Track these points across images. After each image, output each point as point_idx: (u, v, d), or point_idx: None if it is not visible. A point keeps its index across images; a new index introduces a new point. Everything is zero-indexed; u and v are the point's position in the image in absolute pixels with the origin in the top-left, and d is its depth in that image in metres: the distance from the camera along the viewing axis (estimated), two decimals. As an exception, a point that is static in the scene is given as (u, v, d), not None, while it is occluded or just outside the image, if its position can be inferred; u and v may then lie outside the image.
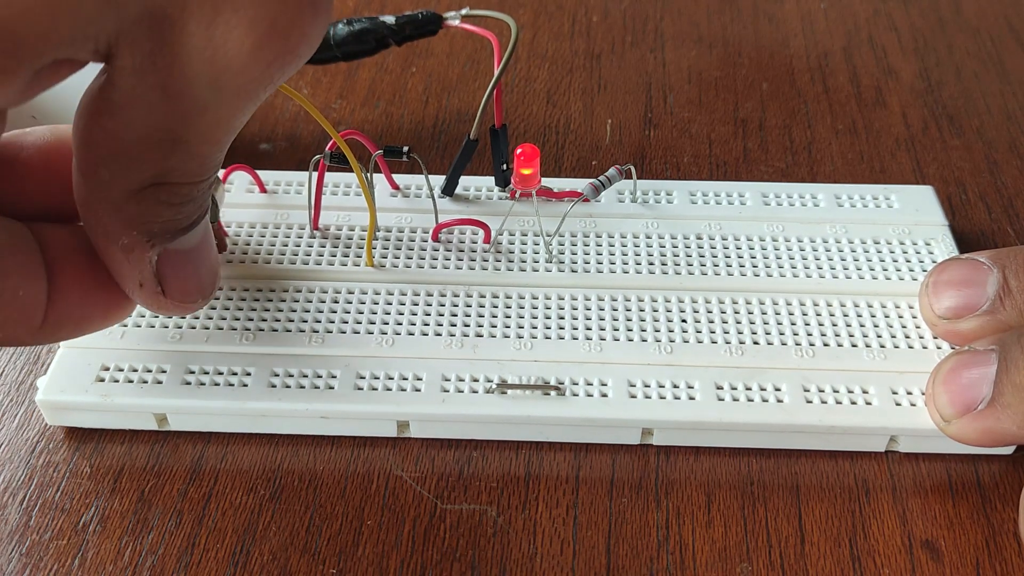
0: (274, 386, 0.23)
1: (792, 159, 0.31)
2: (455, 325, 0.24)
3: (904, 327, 0.24)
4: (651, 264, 0.25)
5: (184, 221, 0.18)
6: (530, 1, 0.38)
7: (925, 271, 0.25)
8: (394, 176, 0.28)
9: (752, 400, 0.22)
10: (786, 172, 0.30)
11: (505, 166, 0.27)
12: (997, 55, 0.35)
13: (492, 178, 0.28)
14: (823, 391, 0.23)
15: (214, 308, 0.24)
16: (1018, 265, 0.22)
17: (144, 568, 0.21)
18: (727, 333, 0.24)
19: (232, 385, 0.23)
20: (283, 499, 0.22)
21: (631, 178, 0.27)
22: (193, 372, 0.23)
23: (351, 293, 0.25)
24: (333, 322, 0.24)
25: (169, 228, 0.18)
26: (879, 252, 0.26)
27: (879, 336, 0.24)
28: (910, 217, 0.27)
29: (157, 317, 0.24)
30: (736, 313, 0.24)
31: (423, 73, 0.34)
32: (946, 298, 0.23)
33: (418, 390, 0.23)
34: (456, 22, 0.26)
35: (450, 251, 0.26)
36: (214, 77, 0.15)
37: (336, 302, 0.24)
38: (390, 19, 0.27)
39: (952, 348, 0.23)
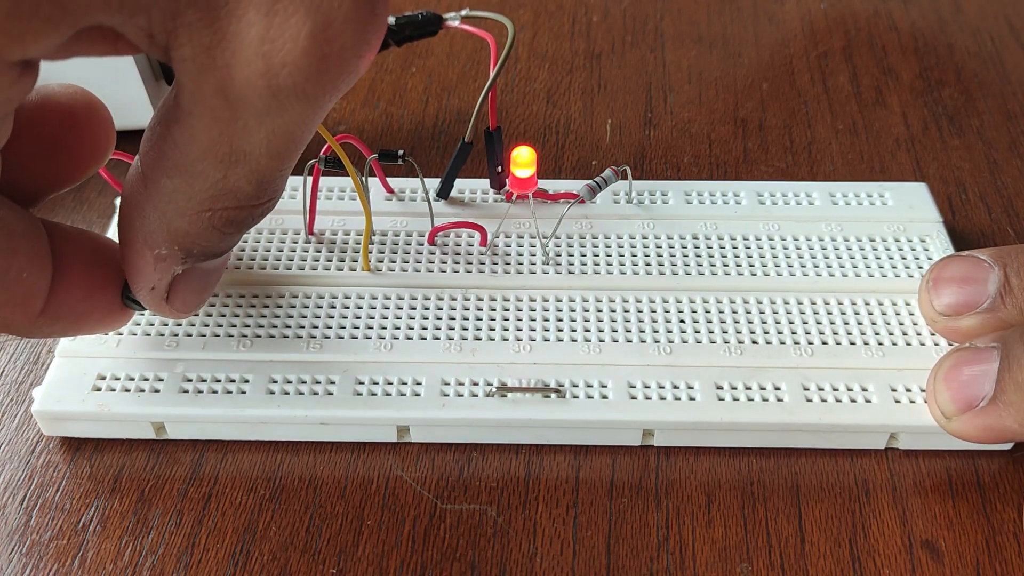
0: (272, 393, 0.22)
1: (792, 159, 0.31)
2: (453, 329, 0.24)
3: (902, 324, 0.24)
4: (648, 265, 0.25)
5: (224, 249, 0.19)
6: (530, 1, 0.38)
7: (921, 268, 0.25)
8: (389, 180, 0.28)
9: (752, 400, 0.23)
10: (786, 172, 0.30)
11: (500, 168, 0.27)
12: (997, 55, 0.35)
13: (488, 180, 0.28)
14: (822, 389, 0.23)
15: (210, 315, 0.24)
16: (1020, 263, 0.22)
17: (144, 568, 0.21)
18: (726, 333, 0.24)
19: (230, 392, 0.22)
20: (283, 499, 0.22)
21: (627, 179, 0.27)
22: (191, 380, 0.23)
23: (348, 298, 0.25)
24: (331, 327, 0.24)
25: (208, 252, 0.18)
26: (875, 249, 0.26)
27: (877, 334, 0.24)
28: (905, 214, 0.27)
29: (152, 324, 0.24)
30: (734, 313, 0.24)
31: (423, 73, 0.34)
32: (946, 295, 0.23)
33: (418, 395, 0.23)
34: (456, 23, 0.26)
35: (447, 254, 0.26)
36: (271, 76, 0.15)
37: (333, 307, 0.24)
38: (390, 19, 0.27)
39: (951, 345, 0.23)
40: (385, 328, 0.24)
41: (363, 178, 0.25)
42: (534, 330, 0.24)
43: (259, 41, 0.14)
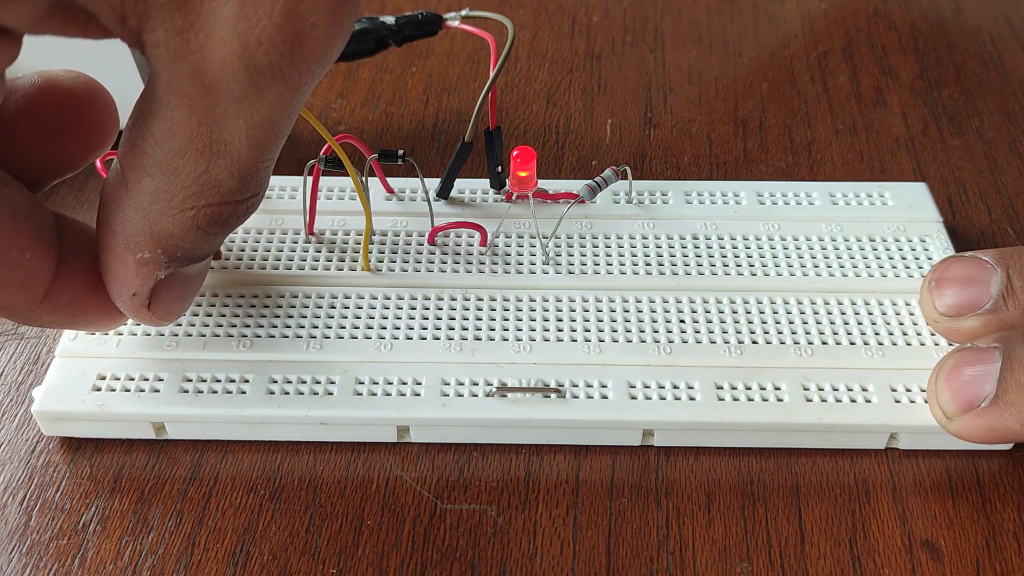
0: (272, 393, 0.22)
1: (792, 159, 0.31)
2: (453, 329, 0.24)
3: (902, 324, 0.24)
4: (648, 265, 0.25)
5: (208, 252, 0.18)
6: (530, 1, 0.38)
7: (921, 268, 0.25)
8: (389, 180, 0.28)
9: (752, 400, 0.22)
10: (786, 172, 0.30)
11: (500, 168, 0.27)
12: (997, 55, 0.35)
13: (488, 180, 0.28)
14: (823, 389, 0.23)
15: (210, 315, 0.24)
16: (1022, 265, 0.22)
17: (144, 568, 0.21)
18: (726, 333, 0.24)
19: (230, 392, 0.22)
20: (283, 499, 0.22)
21: (627, 179, 0.27)
22: (191, 380, 0.23)
23: (348, 298, 0.25)
24: (331, 327, 0.24)
25: (192, 255, 0.18)
26: (875, 249, 0.26)
27: (877, 334, 0.24)
28: (905, 214, 0.27)
29: None
30: (734, 313, 0.24)
31: (423, 73, 0.34)
32: (948, 295, 0.23)
33: (418, 395, 0.22)
34: (456, 23, 0.26)
35: (447, 254, 0.26)
36: (248, 56, 0.14)
37: (333, 307, 0.24)
38: (390, 19, 0.27)
39: (951, 345, 0.23)
40: (385, 328, 0.24)
41: (363, 178, 0.25)
42: (534, 330, 0.24)
43: (234, 19, 0.14)
